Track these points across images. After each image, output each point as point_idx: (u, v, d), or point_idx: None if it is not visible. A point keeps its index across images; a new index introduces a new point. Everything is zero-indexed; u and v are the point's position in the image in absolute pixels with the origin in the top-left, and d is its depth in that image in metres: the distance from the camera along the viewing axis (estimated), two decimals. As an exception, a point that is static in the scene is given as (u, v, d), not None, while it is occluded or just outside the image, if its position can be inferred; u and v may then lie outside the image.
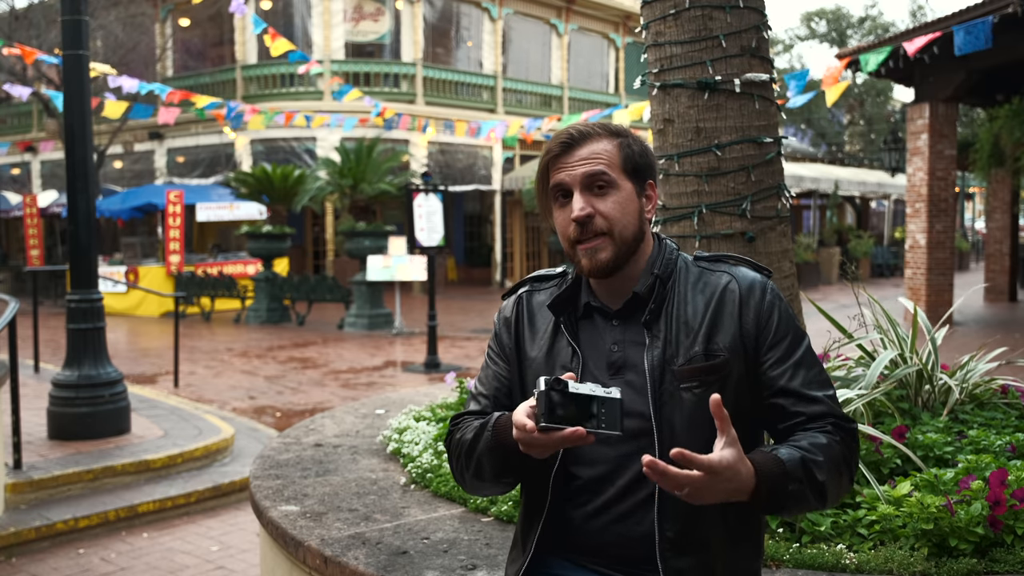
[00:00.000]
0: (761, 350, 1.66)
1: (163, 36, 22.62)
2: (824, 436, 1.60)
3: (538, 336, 1.77)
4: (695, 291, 1.69)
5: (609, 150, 1.66)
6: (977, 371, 3.40)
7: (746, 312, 1.66)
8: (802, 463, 1.53)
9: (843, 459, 1.60)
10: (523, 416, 1.47)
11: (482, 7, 22.82)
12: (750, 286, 1.68)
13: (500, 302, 1.90)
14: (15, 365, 5.54)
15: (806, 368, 1.67)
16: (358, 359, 11.35)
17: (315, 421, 4.10)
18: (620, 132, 1.70)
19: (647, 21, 3.03)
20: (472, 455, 1.69)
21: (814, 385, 1.66)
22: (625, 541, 1.63)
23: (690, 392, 1.62)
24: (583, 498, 1.67)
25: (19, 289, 18.70)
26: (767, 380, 1.66)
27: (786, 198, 3.03)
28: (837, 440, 1.60)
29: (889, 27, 31.65)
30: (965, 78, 12.26)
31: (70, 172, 6.25)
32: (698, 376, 1.63)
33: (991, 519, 2.30)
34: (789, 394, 1.65)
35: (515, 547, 1.79)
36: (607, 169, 1.64)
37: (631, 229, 1.66)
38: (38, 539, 4.95)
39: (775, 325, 1.67)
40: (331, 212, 19.73)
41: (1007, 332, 11.65)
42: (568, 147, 1.66)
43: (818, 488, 1.55)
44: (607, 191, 1.65)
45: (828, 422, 1.63)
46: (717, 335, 1.65)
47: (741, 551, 1.66)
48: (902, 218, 30.41)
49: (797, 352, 1.67)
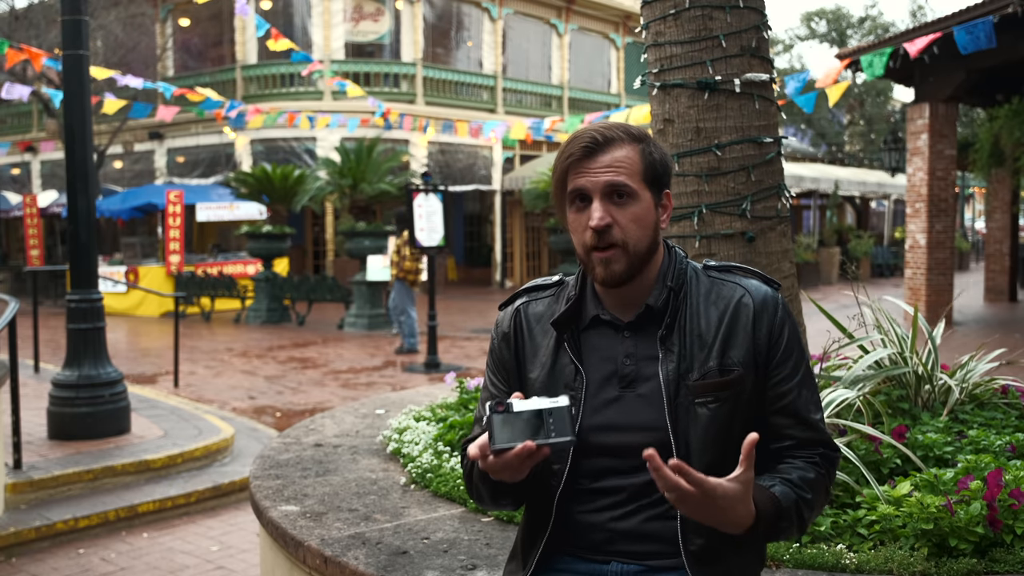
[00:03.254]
0: (771, 365, 1.67)
1: (163, 36, 22.62)
2: (813, 471, 1.64)
3: (539, 353, 1.74)
4: (708, 303, 1.68)
5: (632, 158, 1.63)
6: (977, 371, 3.40)
7: (759, 327, 1.66)
8: (796, 505, 1.59)
9: (826, 490, 1.67)
10: (475, 448, 1.49)
11: (482, 7, 22.82)
12: (763, 301, 1.68)
13: (500, 302, 1.89)
14: (15, 365, 5.54)
15: (808, 389, 1.69)
16: (358, 359, 11.35)
17: (315, 421, 4.10)
18: (642, 137, 1.67)
19: (647, 21, 3.03)
20: (471, 481, 1.72)
21: (812, 407, 1.69)
22: (639, 535, 1.63)
23: (705, 407, 1.62)
24: (592, 500, 1.66)
25: (19, 289, 18.69)
26: (771, 396, 1.67)
27: (786, 198, 3.03)
28: (823, 473, 1.66)
29: (889, 27, 31.63)
30: (965, 78, 12.26)
31: (70, 172, 6.25)
32: (713, 391, 1.62)
33: (990, 519, 2.30)
34: (788, 414, 1.67)
35: (514, 558, 1.77)
36: (628, 180, 1.62)
37: (646, 242, 1.65)
38: (38, 539, 4.95)
39: (785, 341, 1.67)
40: (331, 212, 19.73)
41: (1007, 332, 11.65)
42: (590, 152, 1.62)
43: (803, 524, 1.62)
44: (627, 202, 1.62)
45: (818, 453, 1.67)
46: (731, 350, 1.64)
47: (749, 555, 1.67)
48: (902, 218, 30.40)
49: (801, 370, 1.69)
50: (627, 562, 1.64)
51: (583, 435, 1.64)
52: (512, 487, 1.61)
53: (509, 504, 1.72)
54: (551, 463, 1.67)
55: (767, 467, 1.65)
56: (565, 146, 1.66)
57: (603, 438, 1.64)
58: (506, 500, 1.70)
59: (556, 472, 1.67)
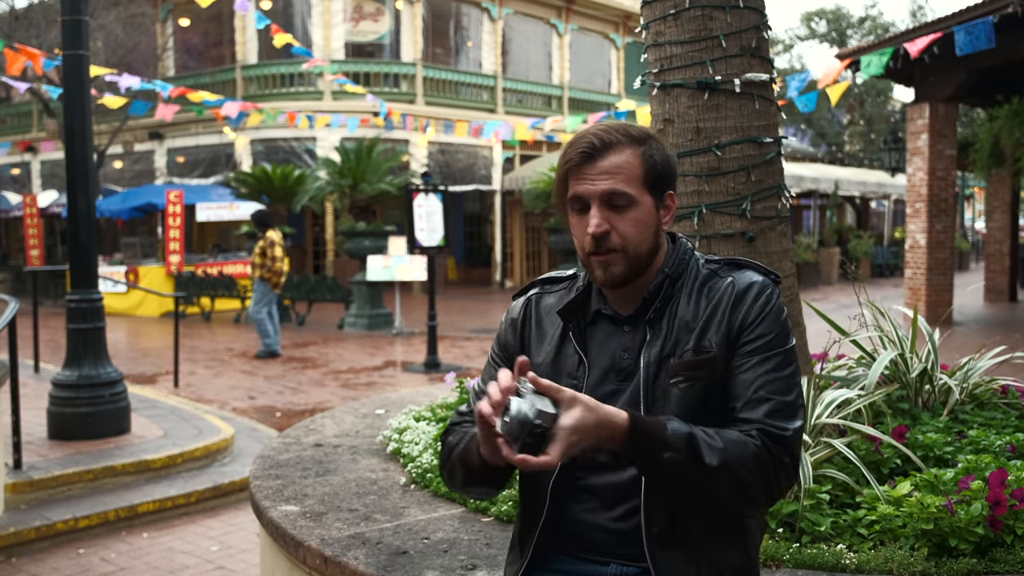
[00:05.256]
0: (739, 342, 1.63)
1: (163, 36, 22.62)
2: (743, 436, 1.54)
3: (545, 341, 1.76)
4: (700, 293, 1.68)
5: (631, 163, 1.62)
6: (977, 371, 3.40)
7: (738, 309, 1.64)
8: (688, 438, 1.50)
9: (756, 465, 1.52)
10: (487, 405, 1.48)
11: (482, 7, 22.82)
12: (748, 286, 1.66)
13: (500, 302, 1.90)
14: (15, 365, 5.54)
15: (772, 372, 1.60)
16: (358, 359, 11.35)
17: (315, 421, 4.10)
18: (643, 138, 1.65)
19: (647, 21, 3.03)
20: (449, 459, 1.73)
21: (772, 394, 1.58)
22: (617, 539, 1.64)
23: (676, 387, 1.62)
24: (585, 497, 1.67)
25: (19, 289, 18.68)
26: (732, 367, 1.62)
27: (786, 198, 3.03)
28: (757, 444, 1.54)
29: (889, 27, 31.64)
30: (965, 78, 12.26)
31: (70, 172, 6.25)
32: (685, 371, 1.62)
33: (991, 519, 2.30)
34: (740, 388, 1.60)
35: (513, 550, 1.79)
36: (626, 188, 1.61)
37: (646, 246, 1.65)
38: (38, 539, 4.95)
39: (760, 322, 1.63)
40: (331, 212, 19.73)
41: (1007, 332, 11.64)
42: (589, 157, 1.61)
43: (704, 470, 1.49)
44: (625, 209, 1.62)
45: (755, 428, 1.56)
46: (708, 332, 1.64)
47: (728, 546, 1.64)
48: (902, 218, 30.40)
49: (770, 354, 1.61)
50: (626, 564, 1.63)
51: None
52: (486, 478, 1.63)
53: (479, 490, 1.72)
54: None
55: None
56: (565, 150, 1.66)
57: None
58: (477, 489, 1.71)
59: None
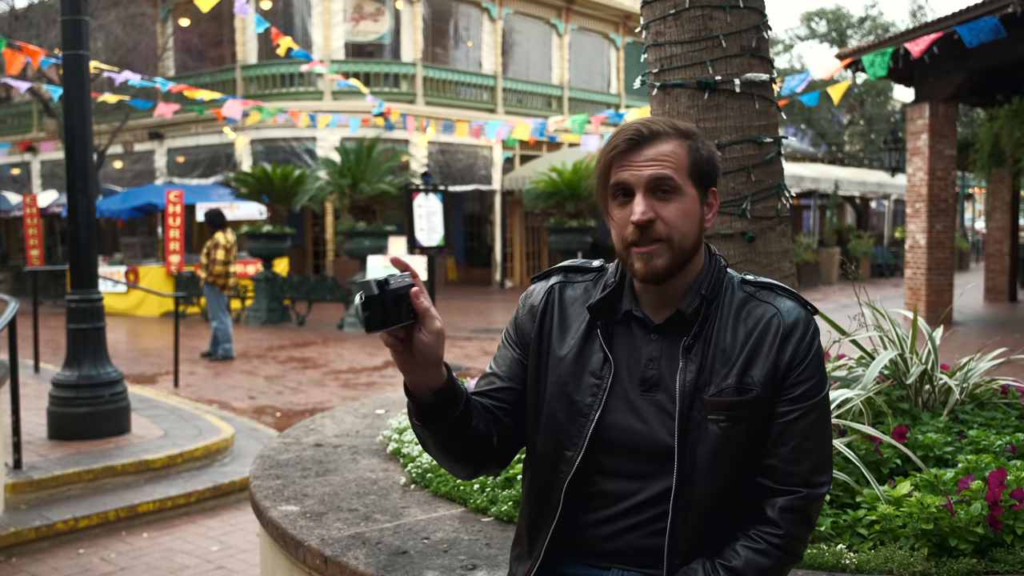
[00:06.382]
0: (784, 385, 1.60)
1: (163, 36, 22.62)
2: (757, 553, 1.57)
3: (568, 335, 1.70)
4: (737, 319, 1.63)
5: (678, 153, 1.59)
6: (977, 371, 3.40)
7: (785, 348, 1.60)
8: None
9: (776, 565, 1.59)
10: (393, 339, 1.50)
11: (482, 7, 22.82)
12: (795, 322, 1.62)
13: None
14: (15, 365, 5.54)
15: (815, 424, 1.61)
16: (358, 359, 11.35)
17: (315, 421, 4.10)
18: (689, 133, 1.63)
19: (647, 21, 3.03)
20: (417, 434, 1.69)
21: (816, 445, 1.60)
22: (634, 550, 1.62)
23: (716, 425, 1.58)
24: (598, 503, 1.65)
25: (19, 289, 18.69)
26: (772, 414, 1.61)
27: (786, 198, 3.03)
28: (776, 547, 1.58)
29: (889, 27, 31.65)
30: (965, 78, 12.26)
31: (70, 172, 6.25)
32: (727, 410, 1.58)
33: (991, 519, 2.30)
34: (782, 436, 1.60)
35: (519, 544, 1.75)
36: (673, 174, 1.57)
37: (691, 239, 1.60)
38: (38, 539, 4.95)
39: (806, 364, 1.61)
40: (331, 212, 19.73)
41: (1007, 332, 11.65)
42: (635, 144, 1.58)
43: None
44: (671, 196, 1.58)
45: (784, 500, 1.58)
46: (752, 368, 1.59)
47: None
48: (902, 218, 30.41)
49: (814, 402, 1.62)
50: (627, 569, 1.63)
51: (601, 428, 1.63)
52: (446, 429, 1.60)
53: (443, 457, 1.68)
54: (564, 449, 1.65)
55: (737, 520, 1.61)
56: (610, 139, 1.62)
57: (617, 436, 1.63)
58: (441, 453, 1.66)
59: (568, 459, 1.64)
